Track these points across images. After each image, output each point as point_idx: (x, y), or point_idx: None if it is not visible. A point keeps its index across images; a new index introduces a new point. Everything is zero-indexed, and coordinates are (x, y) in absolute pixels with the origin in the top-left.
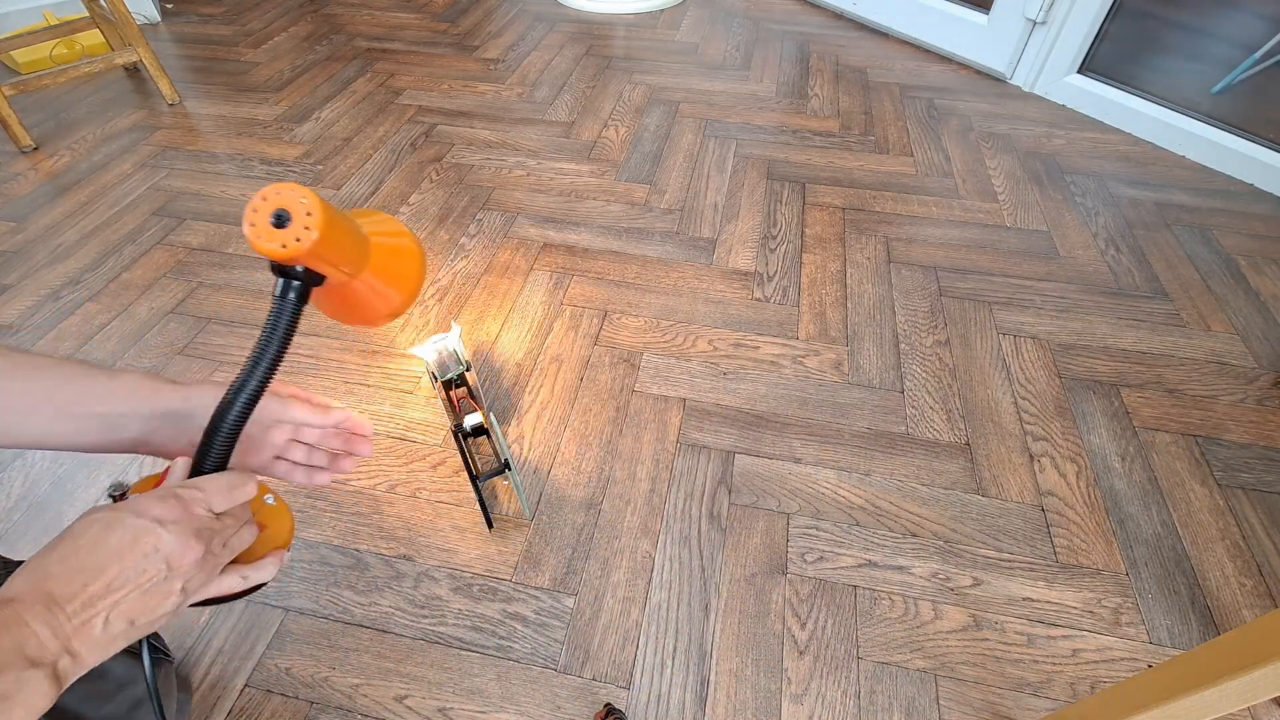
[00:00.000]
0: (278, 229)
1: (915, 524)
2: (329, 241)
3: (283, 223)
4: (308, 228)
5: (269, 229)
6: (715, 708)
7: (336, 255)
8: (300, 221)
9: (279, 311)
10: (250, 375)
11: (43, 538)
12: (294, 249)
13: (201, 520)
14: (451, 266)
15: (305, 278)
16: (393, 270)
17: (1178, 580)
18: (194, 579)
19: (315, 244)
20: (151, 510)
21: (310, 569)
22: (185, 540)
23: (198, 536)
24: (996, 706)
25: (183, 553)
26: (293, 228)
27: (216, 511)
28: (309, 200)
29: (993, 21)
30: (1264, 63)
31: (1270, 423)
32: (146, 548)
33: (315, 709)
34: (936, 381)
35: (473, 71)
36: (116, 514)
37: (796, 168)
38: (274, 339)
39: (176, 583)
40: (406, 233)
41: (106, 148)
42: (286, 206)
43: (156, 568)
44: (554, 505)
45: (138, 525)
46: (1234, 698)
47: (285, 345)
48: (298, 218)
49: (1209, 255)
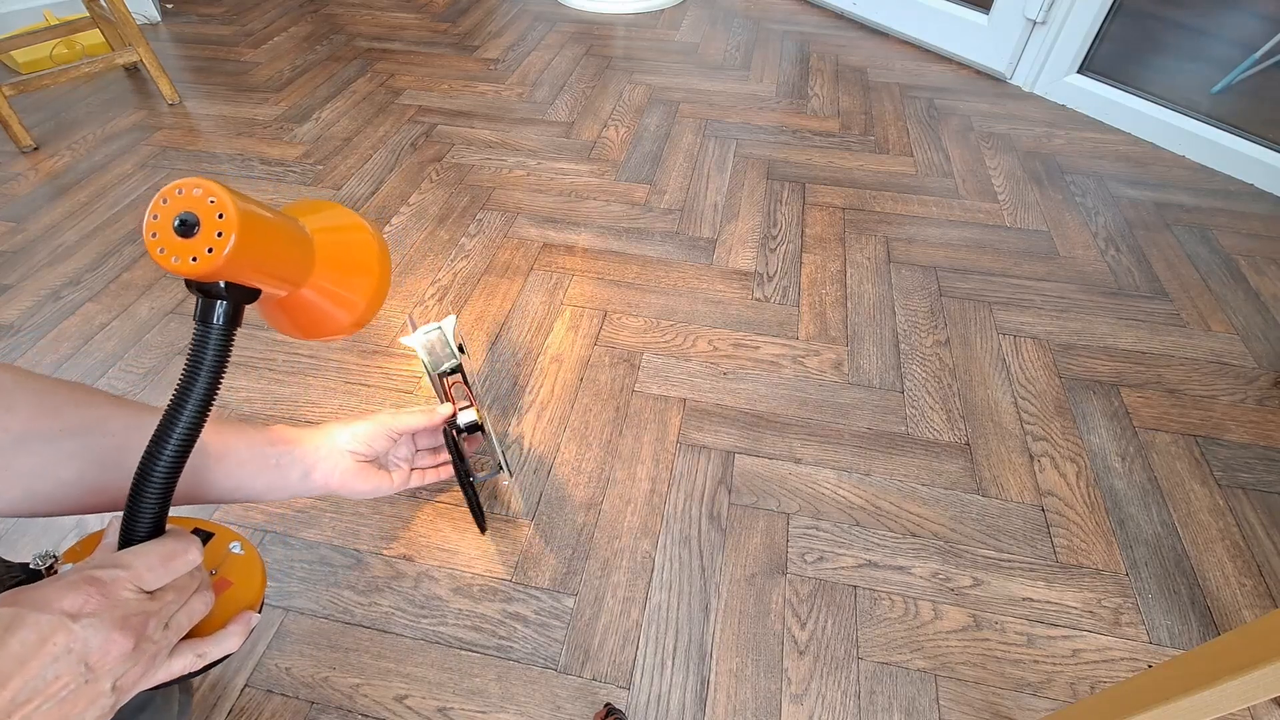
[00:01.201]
0: (184, 238)
1: (915, 524)
2: (252, 247)
3: (190, 230)
4: (220, 234)
5: (174, 240)
6: (715, 708)
7: (267, 263)
8: (210, 227)
9: (202, 339)
10: (174, 420)
11: (42, 538)
12: (207, 262)
13: (127, 605)
14: (451, 266)
15: (232, 294)
16: (347, 272)
17: (1178, 580)
18: (128, 674)
19: (234, 253)
20: (60, 602)
21: (310, 569)
22: (107, 634)
23: (123, 627)
24: (996, 706)
25: (105, 649)
26: (201, 236)
27: (150, 589)
28: (220, 198)
29: (993, 21)
30: (1264, 63)
31: (1270, 423)
32: (55, 649)
33: (315, 709)
34: (936, 381)
35: (473, 71)
36: (18, 610)
37: (796, 168)
38: (199, 373)
39: (103, 683)
40: (360, 224)
41: (107, 148)
42: (192, 209)
43: (72, 671)
44: (554, 505)
45: (43, 622)
46: (1234, 698)
47: (215, 380)
48: (207, 222)
49: (1209, 255)
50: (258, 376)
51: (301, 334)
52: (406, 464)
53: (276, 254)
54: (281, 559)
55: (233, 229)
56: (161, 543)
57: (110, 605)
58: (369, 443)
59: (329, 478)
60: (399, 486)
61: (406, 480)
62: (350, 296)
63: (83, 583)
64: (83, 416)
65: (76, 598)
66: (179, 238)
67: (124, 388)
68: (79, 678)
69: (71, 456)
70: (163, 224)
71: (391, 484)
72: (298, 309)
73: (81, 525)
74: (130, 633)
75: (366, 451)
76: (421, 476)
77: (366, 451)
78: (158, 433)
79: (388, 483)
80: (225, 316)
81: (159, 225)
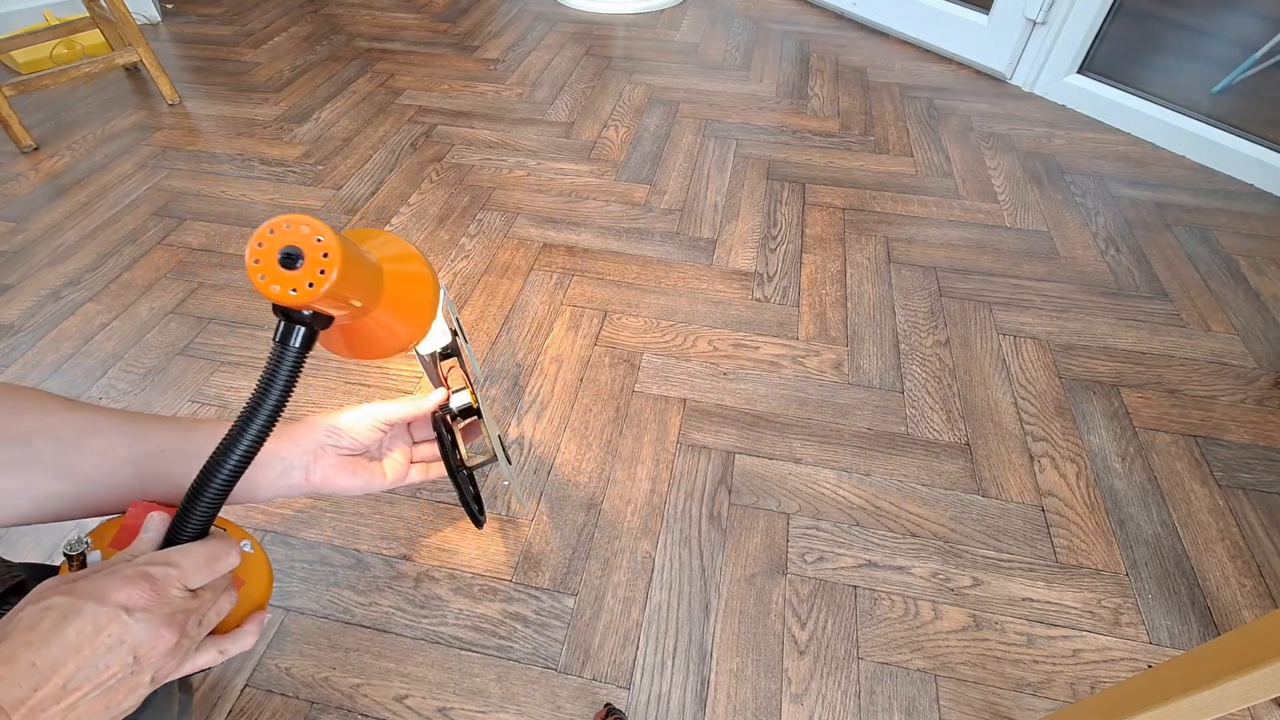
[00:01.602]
0: (288, 270)
1: (915, 524)
2: (347, 282)
3: (293, 263)
4: (323, 271)
5: (278, 271)
6: (715, 708)
7: (351, 295)
8: (315, 263)
9: (280, 358)
10: (244, 430)
11: (43, 538)
12: (308, 295)
13: (175, 603)
14: (452, 266)
15: (313, 320)
16: (406, 303)
17: (1178, 580)
18: (165, 667)
19: (333, 288)
20: (117, 595)
21: (310, 569)
22: (156, 629)
23: (170, 623)
24: (996, 706)
25: (153, 643)
26: (306, 269)
27: (193, 588)
28: (326, 237)
29: (993, 21)
30: (1264, 63)
31: (1270, 423)
32: (110, 640)
33: (315, 709)
34: (936, 382)
35: (473, 71)
36: (74, 600)
37: (796, 168)
38: (273, 389)
39: (145, 675)
40: (418, 256)
41: (107, 148)
42: (298, 244)
43: (122, 662)
44: (554, 505)
45: (99, 614)
46: (1234, 698)
47: (286, 397)
48: (311, 258)
49: (1209, 255)
50: (258, 376)
51: (352, 354)
52: (404, 456)
53: (360, 286)
54: (282, 559)
55: (335, 267)
56: (207, 544)
57: (161, 602)
58: (353, 435)
59: (309, 474)
60: (396, 481)
61: (405, 474)
62: (408, 324)
63: (138, 578)
64: (20, 426)
65: (132, 591)
66: (283, 269)
67: (124, 387)
68: (126, 669)
69: (12, 466)
70: (267, 253)
71: (385, 479)
72: (357, 333)
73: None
74: (175, 629)
75: (351, 445)
76: (425, 471)
77: (351, 445)
78: (225, 443)
79: (380, 478)
80: (303, 341)
81: (263, 254)
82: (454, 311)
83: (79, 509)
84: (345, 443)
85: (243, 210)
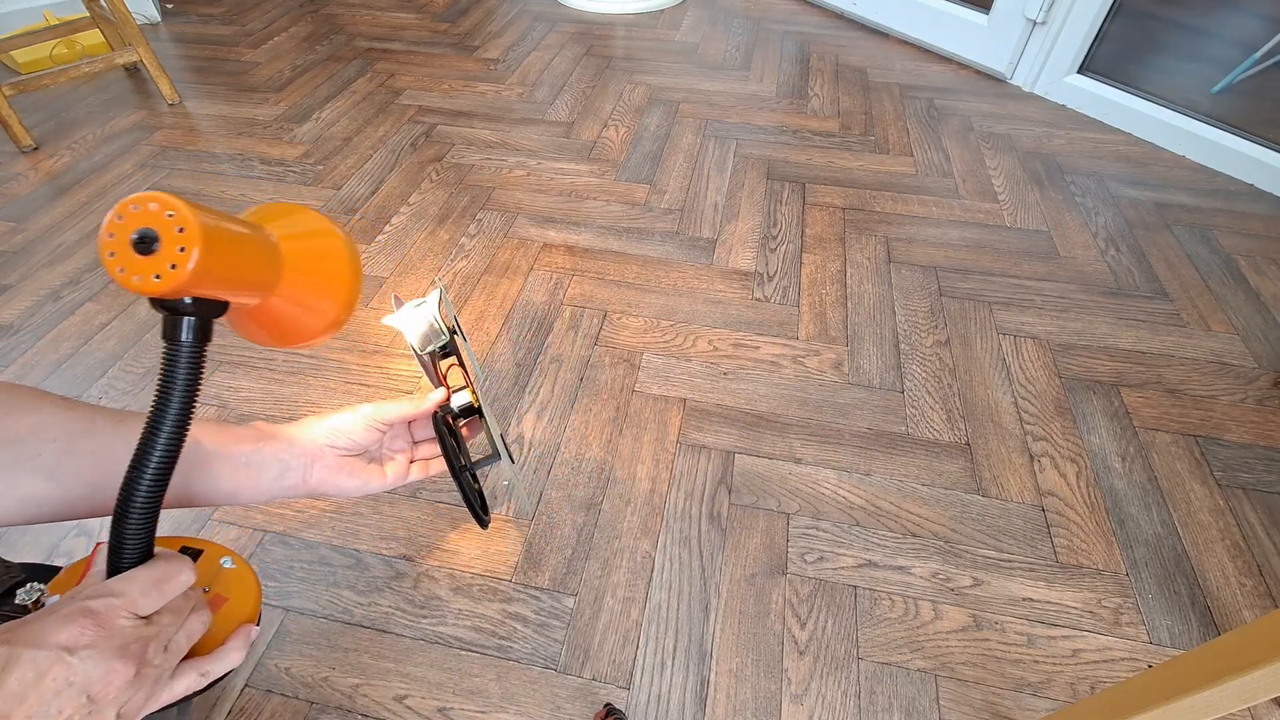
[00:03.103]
0: (144, 256)
1: (915, 524)
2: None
3: (149, 246)
4: (183, 248)
5: (133, 258)
6: (715, 708)
7: (233, 276)
8: (172, 242)
9: (172, 358)
10: (151, 443)
11: (42, 537)
12: (170, 279)
13: (124, 633)
14: (451, 266)
15: (199, 309)
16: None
17: (1178, 580)
18: (132, 701)
19: (198, 268)
20: (56, 636)
21: (310, 569)
22: (107, 664)
23: (124, 655)
24: (996, 707)
25: (106, 679)
26: (163, 252)
27: (145, 614)
28: (179, 212)
29: (993, 21)
30: (1264, 63)
31: (1270, 423)
32: (56, 684)
33: (315, 709)
34: (936, 381)
35: (473, 71)
36: (13, 649)
37: (796, 168)
38: (172, 393)
39: (108, 713)
40: (328, 227)
41: (106, 148)
42: (150, 224)
43: (75, 704)
44: (554, 505)
45: (39, 658)
46: (1234, 698)
47: (190, 398)
48: (167, 238)
49: (1209, 255)
50: (258, 376)
51: (274, 342)
52: (404, 456)
53: (243, 265)
54: (281, 559)
55: (195, 243)
56: (152, 566)
57: (107, 635)
58: (351, 436)
59: (307, 475)
60: (396, 481)
61: (405, 474)
62: (321, 303)
63: (76, 614)
64: (12, 425)
65: (72, 630)
66: (138, 255)
67: (124, 387)
68: (82, 709)
69: (3, 466)
70: (119, 242)
71: (384, 479)
72: (268, 318)
73: (82, 526)
74: (130, 660)
75: (349, 445)
76: (424, 469)
77: (349, 445)
78: (135, 457)
79: (379, 478)
80: (193, 332)
81: (116, 244)
82: (453, 311)
83: (73, 511)
84: (343, 443)
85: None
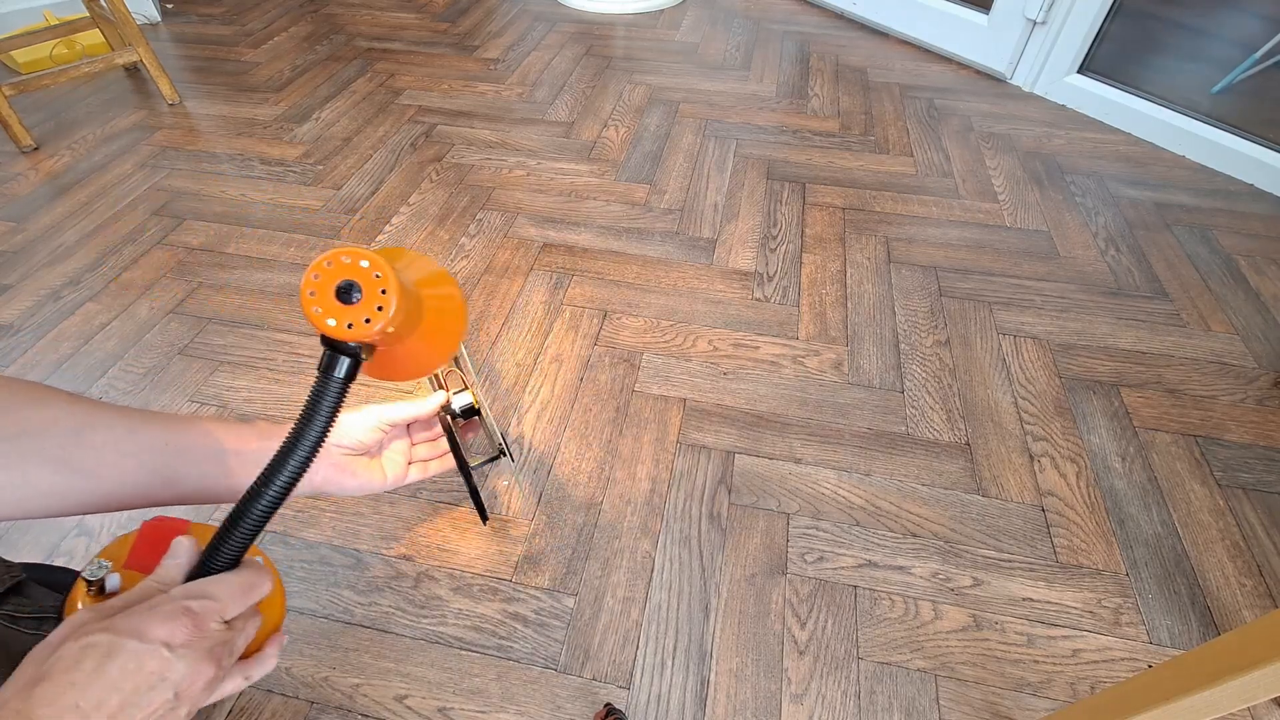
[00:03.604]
0: (345, 304)
1: (915, 524)
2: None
3: (350, 297)
4: (381, 307)
5: (334, 305)
6: (715, 708)
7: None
8: (373, 299)
9: (324, 389)
10: (286, 461)
11: (42, 537)
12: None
13: (214, 636)
14: (451, 266)
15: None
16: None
17: (1178, 580)
18: (200, 699)
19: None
20: (158, 631)
21: (310, 569)
22: (197, 665)
23: (210, 657)
24: (996, 706)
25: (193, 679)
26: (364, 305)
27: (229, 619)
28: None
29: (993, 21)
30: (1264, 63)
31: (1270, 423)
32: (153, 678)
33: (315, 709)
34: (936, 381)
35: (473, 71)
36: (116, 638)
37: (796, 168)
38: (316, 419)
39: (182, 710)
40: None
41: (106, 148)
42: (355, 279)
43: (163, 698)
44: (554, 505)
45: (142, 652)
46: (1234, 698)
47: (328, 426)
48: (369, 293)
49: (1209, 255)
50: (258, 376)
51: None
52: (404, 456)
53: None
54: (281, 559)
55: (392, 305)
56: (241, 573)
57: (201, 636)
58: (356, 436)
59: (312, 475)
60: (396, 481)
61: (404, 474)
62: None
63: (180, 613)
64: (19, 418)
65: (174, 628)
66: (339, 303)
67: (124, 387)
68: (167, 705)
69: (11, 459)
70: (323, 285)
71: (385, 479)
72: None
73: (82, 525)
74: (214, 663)
75: (354, 445)
76: (423, 469)
77: (354, 445)
78: (265, 473)
79: (380, 478)
80: (348, 371)
81: (319, 285)
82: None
83: (79, 505)
84: (348, 443)
85: (242, 210)
